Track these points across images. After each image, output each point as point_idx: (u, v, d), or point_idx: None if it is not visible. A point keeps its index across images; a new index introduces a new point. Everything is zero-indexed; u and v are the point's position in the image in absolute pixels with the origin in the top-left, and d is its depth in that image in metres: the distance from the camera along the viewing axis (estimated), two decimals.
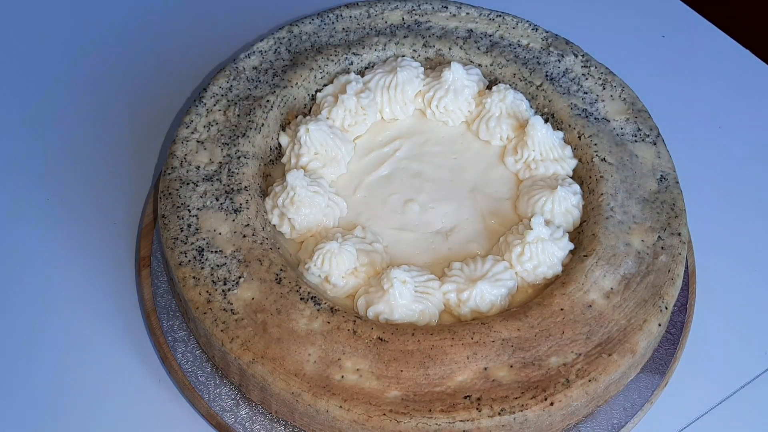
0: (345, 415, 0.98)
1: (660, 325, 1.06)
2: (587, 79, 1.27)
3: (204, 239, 1.10)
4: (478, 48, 1.30)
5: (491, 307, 1.07)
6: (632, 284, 1.07)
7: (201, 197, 1.13)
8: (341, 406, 0.98)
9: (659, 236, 1.11)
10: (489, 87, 1.28)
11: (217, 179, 1.15)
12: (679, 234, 1.12)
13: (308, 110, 1.28)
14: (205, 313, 1.04)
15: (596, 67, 1.28)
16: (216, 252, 1.09)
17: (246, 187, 1.14)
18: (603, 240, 1.10)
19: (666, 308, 1.07)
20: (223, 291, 1.06)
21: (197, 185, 1.14)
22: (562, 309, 1.05)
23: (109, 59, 1.47)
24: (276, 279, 1.06)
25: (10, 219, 1.28)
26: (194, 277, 1.07)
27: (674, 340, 1.13)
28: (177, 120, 1.38)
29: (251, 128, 1.20)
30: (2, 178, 1.32)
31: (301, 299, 1.05)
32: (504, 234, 1.13)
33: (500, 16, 1.33)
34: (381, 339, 1.02)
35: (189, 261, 1.08)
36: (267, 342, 1.02)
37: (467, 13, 1.34)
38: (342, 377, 1.00)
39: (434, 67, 1.30)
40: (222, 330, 1.03)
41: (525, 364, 1.01)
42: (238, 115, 1.21)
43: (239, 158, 1.17)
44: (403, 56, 1.29)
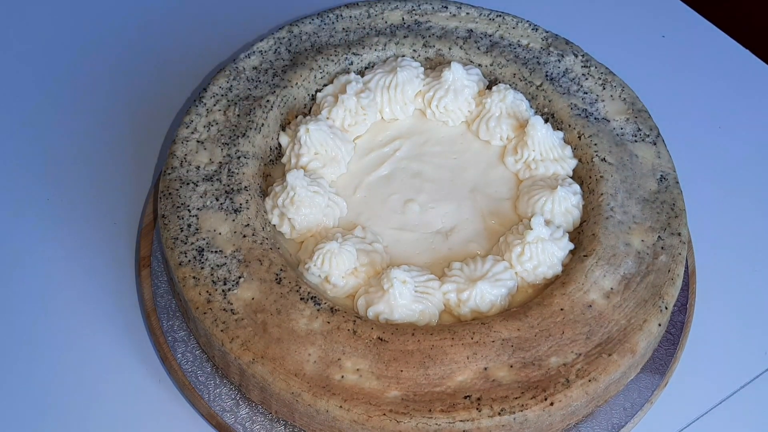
0: (345, 415, 0.98)
1: (660, 325, 1.06)
2: (587, 79, 1.27)
3: (204, 239, 1.10)
4: (478, 48, 1.30)
5: (491, 307, 1.07)
6: (632, 284, 1.07)
7: (201, 197, 1.13)
8: (341, 406, 0.98)
9: (659, 236, 1.11)
10: (489, 87, 1.28)
11: (217, 179, 1.15)
12: (679, 234, 1.12)
13: (308, 110, 1.28)
14: (205, 313, 1.04)
15: (596, 67, 1.28)
16: (216, 252, 1.09)
17: (246, 187, 1.14)
18: (603, 240, 1.10)
19: (666, 308, 1.07)
20: (223, 291, 1.06)
21: (197, 185, 1.14)
22: (562, 309, 1.05)
23: (109, 59, 1.47)
24: (276, 279, 1.06)
25: (10, 219, 1.28)
26: (194, 277, 1.07)
27: (674, 340, 1.13)
28: (177, 120, 1.38)
29: (251, 128, 1.20)
30: (2, 178, 1.32)
31: (301, 299, 1.05)
32: (504, 234, 1.13)
33: (500, 16, 1.33)
34: (381, 339, 1.02)
35: (189, 261, 1.08)
36: (267, 342, 1.02)
37: (467, 13, 1.34)
38: (342, 377, 1.00)
39: (434, 67, 1.30)
40: (222, 330, 1.03)
41: (525, 364, 1.01)
42: (238, 115, 1.21)
43: (239, 158, 1.17)
44: (403, 56, 1.29)
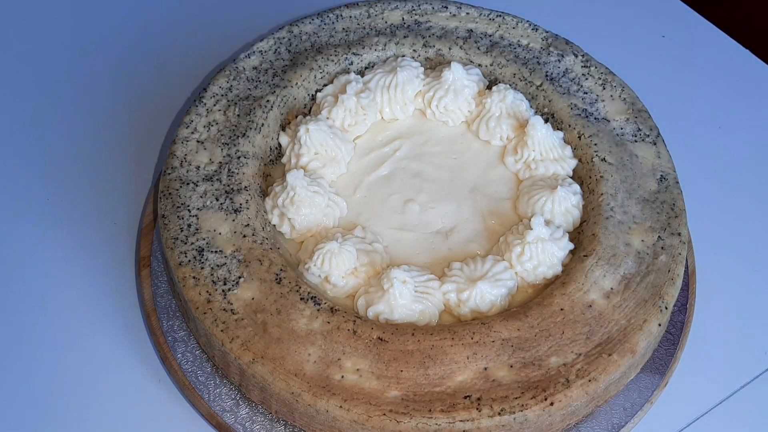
0: (345, 415, 0.98)
1: (660, 325, 1.06)
2: (587, 79, 1.27)
3: (204, 239, 1.10)
4: (478, 48, 1.30)
5: (491, 307, 1.07)
6: (632, 284, 1.07)
7: (201, 197, 1.13)
8: (341, 406, 0.98)
9: (659, 236, 1.11)
10: (489, 87, 1.28)
11: (217, 179, 1.15)
12: (679, 234, 1.12)
13: (308, 110, 1.28)
14: (205, 313, 1.04)
15: (596, 67, 1.28)
16: (216, 252, 1.09)
17: (246, 187, 1.14)
18: (603, 240, 1.10)
19: (666, 308, 1.07)
20: (223, 291, 1.06)
21: (197, 185, 1.14)
22: (562, 309, 1.05)
23: (109, 59, 1.47)
24: (276, 279, 1.06)
25: (10, 219, 1.28)
26: (194, 277, 1.07)
27: (674, 340, 1.13)
28: (177, 120, 1.38)
29: (251, 128, 1.20)
30: (2, 178, 1.32)
31: (301, 299, 1.05)
32: (504, 234, 1.13)
33: (500, 16, 1.33)
34: (381, 339, 1.02)
35: (189, 261, 1.08)
36: (267, 342, 1.02)
37: (467, 13, 1.34)
38: (342, 377, 1.00)
39: (434, 67, 1.30)
40: (222, 330, 1.03)
41: (525, 364, 1.01)
42: (238, 115, 1.21)
43: (239, 158, 1.17)
44: (403, 56, 1.29)
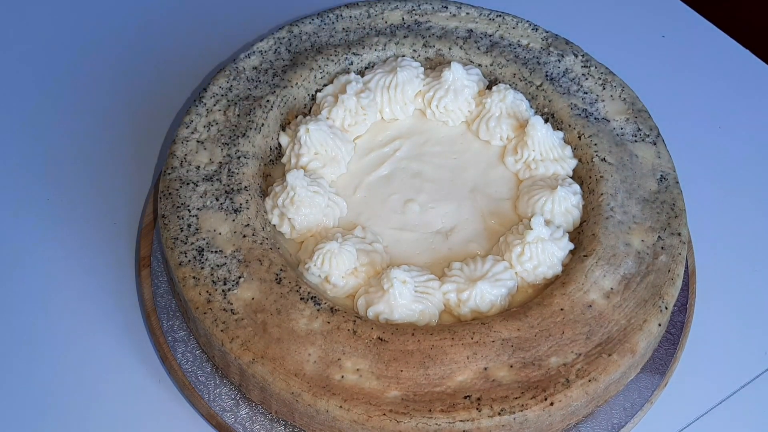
0: (345, 415, 0.98)
1: (660, 325, 1.06)
2: (587, 79, 1.27)
3: (204, 239, 1.10)
4: (478, 48, 1.30)
5: (491, 307, 1.07)
6: (632, 284, 1.07)
7: (201, 197, 1.13)
8: (341, 406, 0.98)
9: (659, 236, 1.11)
10: (489, 87, 1.28)
11: (217, 179, 1.15)
12: (679, 234, 1.12)
13: (308, 110, 1.28)
14: (205, 313, 1.04)
15: (596, 67, 1.28)
16: (216, 252, 1.09)
17: (246, 187, 1.14)
18: (603, 240, 1.10)
19: (666, 308, 1.07)
20: (223, 291, 1.06)
21: (197, 185, 1.14)
22: (562, 309, 1.05)
23: (109, 59, 1.47)
24: (276, 279, 1.06)
25: (10, 219, 1.28)
26: (194, 277, 1.07)
27: (674, 340, 1.13)
28: (177, 120, 1.38)
29: (251, 128, 1.20)
30: (2, 178, 1.32)
31: (301, 299, 1.05)
32: (504, 234, 1.13)
33: (500, 16, 1.33)
34: (381, 339, 1.02)
35: (189, 261, 1.08)
36: (267, 342, 1.02)
37: (467, 13, 1.34)
38: (342, 377, 1.00)
39: (434, 67, 1.30)
40: (222, 330, 1.03)
41: (525, 364, 1.01)
42: (238, 115, 1.21)
43: (239, 158, 1.17)
44: (403, 56, 1.29)
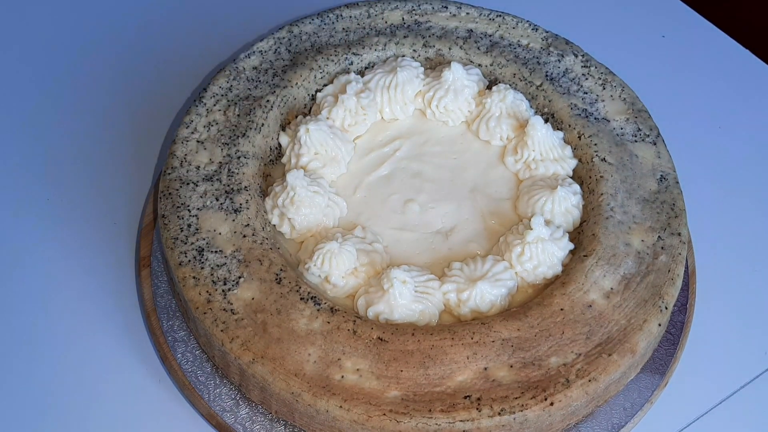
0: (345, 415, 0.98)
1: (660, 325, 1.06)
2: (587, 79, 1.27)
3: (204, 239, 1.10)
4: (478, 48, 1.30)
5: (491, 307, 1.07)
6: (632, 284, 1.07)
7: (201, 197, 1.13)
8: (341, 406, 0.98)
9: (659, 236, 1.11)
10: (489, 87, 1.28)
11: (217, 179, 1.15)
12: (679, 234, 1.12)
13: (308, 110, 1.28)
14: (205, 313, 1.04)
15: (596, 67, 1.28)
16: (216, 252, 1.09)
17: (246, 187, 1.14)
18: (603, 240, 1.10)
19: (666, 308, 1.07)
20: (223, 291, 1.06)
21: (197, 185, 1.14)
22: (562, 309, 1.05)
23: (109, 59, 1.47)
24: (276, 279, 1.06)
25: (10, 219, 1.28)
26: (194, 277, 1.07)
27: (674, 340, 1.13)
28: (177, 120, 1.38)
29: (251, 128, 1.20)
30: (2, 178, 1.32)
31: (301, 299, 1.05)
32: (504, 234, 1.13)
33: (500, 16, 1.33)
34: (381, 339, 1.02)
35: (189, 261, 1.08)
36: (267, 342, 1.02)
37: (467, 13, 1.34)
38: (342, 377, 1.00)
39: (434, 67, 1.30)
40: (222, 330, 1.03)
41: (525, 364, 1.01)
42: (238, 115, 1.21)
43: (239, 158, 1.17)
44: (403, 56, 1.29)
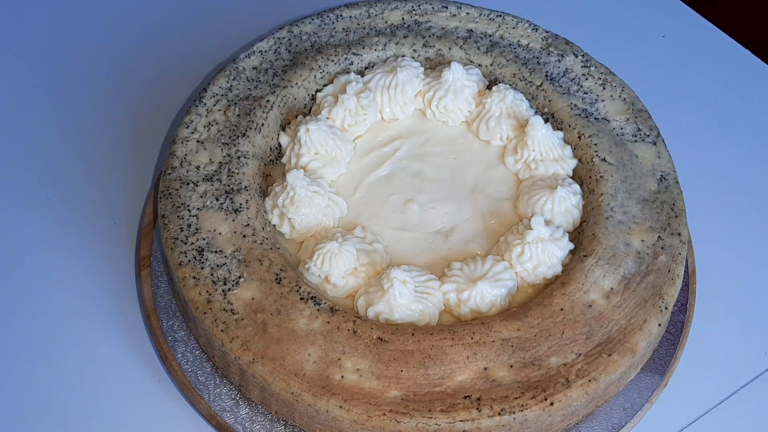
0: (345, 415, 0.98)
1: (660, 325, 1.06)
2: (587, 79, 1.27)
3: (204, 239, 1.10)
4: (478, 48, 1.30)
5: (491, 307, 1.07)
6: (632, 284, 1.07)
7: (201, 197, 1.13)
8: (341, 406, 0.98)
9: (659, 236, 1.11)
10: (489, 87, 1.28)
11: (217, 179, 1.15)
12: (679, 234, 1.12)
13: (308, 110, 1.28)
14: (205, 313, 1.04)
15: (596, 67, 1.28)
16: (216, 252, 1.09)
17: (246, 187, 1.14)
18: (603, 240, 1.10)
19: (666, 308, 1.07)
20: (223, 291, 1.06)
21: (197, 185, 1.14)
22: (562, 309, 1.05)
23: (109, 59, 1.47)
24: (276, 279, 1.06)
25: (10, 219, 1.28)
26: (194, 277, 1.07)
27: (674, 340, 1.13)
28: (177, 120, 1.38)
29: (251, 128, 1.20)
30: (2, 178, 1.32)
31: (301, 299, 1.05)
32: (504, 234, 1.13)
33: (500, 16, 1.33)
34: (381, 339, 1.02)
35: (189, 261, 1.08)
36: (267, 342, 1.02)
37: (467, 13, 1.34)
38: (342, 377, 1.00)
39: (434, 67, 1.30)
40: (222, 330, 1.03)
41: (525, 364, 1.01)
42: (238, 115, 1.21)
43: (239, 158, 1.17)
44: (403, 56, 1.29)
